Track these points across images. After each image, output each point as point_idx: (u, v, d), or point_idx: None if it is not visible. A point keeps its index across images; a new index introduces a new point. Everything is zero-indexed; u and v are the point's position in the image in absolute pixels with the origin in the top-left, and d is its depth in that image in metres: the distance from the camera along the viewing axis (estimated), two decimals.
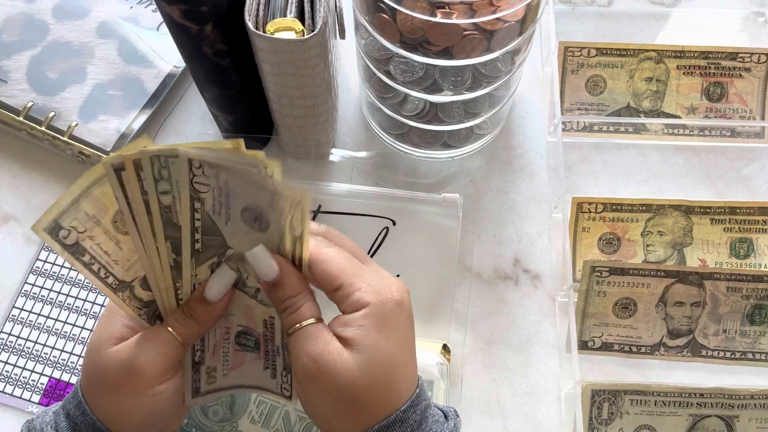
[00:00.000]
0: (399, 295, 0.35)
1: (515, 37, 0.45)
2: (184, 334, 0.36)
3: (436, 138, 0.57)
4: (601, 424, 0.50)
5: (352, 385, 0.33)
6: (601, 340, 0.52)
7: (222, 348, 0.40)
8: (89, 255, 0.34)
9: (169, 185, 0.32)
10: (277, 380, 0.40)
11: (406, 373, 0.35)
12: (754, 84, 0.60)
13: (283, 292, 0.35)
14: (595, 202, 0.55)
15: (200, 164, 0.31)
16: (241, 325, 0.39)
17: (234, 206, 0.33)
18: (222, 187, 0.32)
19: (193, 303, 0.37)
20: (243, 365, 0.40)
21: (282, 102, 0.50)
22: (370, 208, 0.54)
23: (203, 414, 0.47)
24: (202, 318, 0.37)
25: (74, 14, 0.62)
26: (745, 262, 0.55)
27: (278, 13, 0.45)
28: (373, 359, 0.33)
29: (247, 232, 0.34)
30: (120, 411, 0.35)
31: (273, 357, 0.40)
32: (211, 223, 0.34)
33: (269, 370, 0.40)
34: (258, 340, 0.39)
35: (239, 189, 0.32)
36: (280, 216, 0.33)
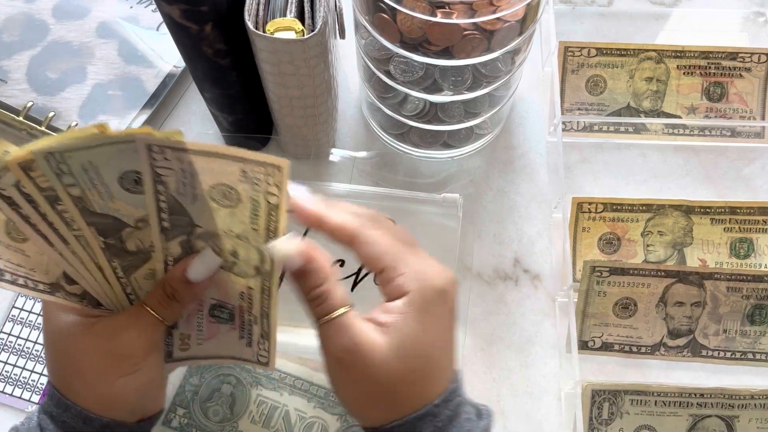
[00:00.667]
0: (442, 284, 0.34)
1: (515, 37, 0.45)
2: (164, 313, 0.36)
3: (436, 138, 0.57)
4: (602, 424, 0.50)
5: (386, 376, 0.33)
6: (601, 340, 0.52)
7: (196, 318, 0.39)
8: (9, 273, 0.34)
9: (72, 178, 0.31)
10: (253, 349, 0.40)
11: (443, 365, 0.35)
12: (755, 84, 0.60)
13: (309, 281, 0.34)
14: (595, 202, 0.55)
15: (160, 148, 0.30)
16: (215, 299, 0.39)
17: (199, 185, 0.32)
18: (186, 168, 0.31)
19: (175, 283, 0.36)
20: (218, 335, 0.40)
21: (282, 102, 0.50)
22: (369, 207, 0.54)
23: (204, 414, 0.47)
24: (183, 297, 0.36)
25: (74, 14, 0.62)
26: (745, 262, 0.55)
27: (278, 13, 0.45)
28: (410, 349, 0.33)
29: (216, 209, 0.33)
30: (111, 396, 0.35)
31: (249, 326, 0.39)
32: (176, 204, 0.33)
33: (244, 339, 0.40)
34: (232, 312, 0.39)
35: (205, 167, 0.31)
36: (254, 187, 0.32)
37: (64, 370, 0.36)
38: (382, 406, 0.34)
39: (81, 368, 0.35)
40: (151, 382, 0.37)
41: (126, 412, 0.36)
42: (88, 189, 0.32)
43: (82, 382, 0.35)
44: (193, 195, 0.33)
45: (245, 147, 0.54)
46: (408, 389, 0.33)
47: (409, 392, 0.33)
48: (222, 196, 0.33)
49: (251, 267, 0.36)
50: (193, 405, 0.48)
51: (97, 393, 0.35)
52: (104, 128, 0.29)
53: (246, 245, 0.35)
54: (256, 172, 0.31)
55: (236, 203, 0.33)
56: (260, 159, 0.31)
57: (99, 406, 0.35)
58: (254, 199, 0.33)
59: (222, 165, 0.31)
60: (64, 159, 0.30)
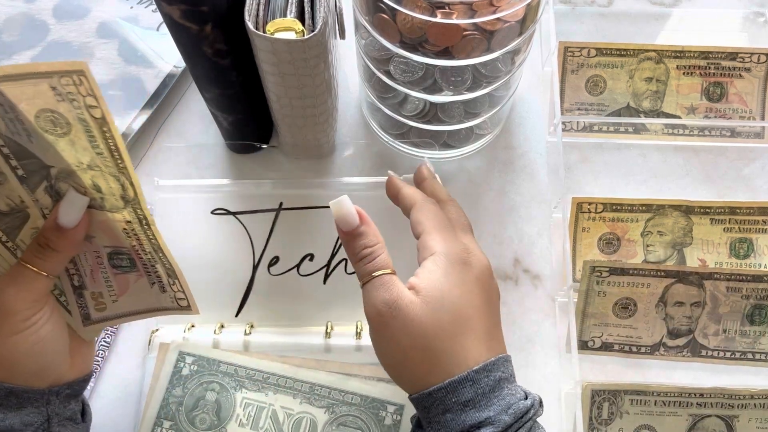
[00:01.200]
0: (469, 258, 0.38)
1: (515, 37, 0.45)
2: (44, 266, 0.35)
3: (436, 138, 0.57)
4: (601, 424, 0.50)
5: (423, 332, 0.35)
6: (601, 340, 0.52)
7: (100, 273, 0.38)
8: None
9: None
10: (168, 294, 0.39)
11: (476, 327, 0.37)
12: (754, 84, 0.60)
13: (362, 240, 0.38)
14: (595, 202, 0.55)
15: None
16: (108, 246, 0.38)
17: (25, 119, 0.31)
18: (3, 103, 0.30)
19: (48, 233, 0.35)
20: (129, 289, 0.39)
21: (282, 102, 0.50)
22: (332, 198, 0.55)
23: (191, 424, 0.47)
24: (60, 246, 0.35)
25: (74, 14, 0.62)
26: (745, 262, 0.55)
27: (278, 13, 0.45)
28: (438, 301, 0.36)
29: (54, 141, 0.32)
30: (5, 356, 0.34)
31: (153, 267, 0.38)
32: (16, 146, 0.32)
33: (156, 285, 0.39)
34: (131, 256, 0.38)
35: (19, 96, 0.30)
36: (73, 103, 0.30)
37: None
38: (423, 367, 0.35)
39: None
40: (46, 340, 0.35)
41: (28, 375, 0.35)
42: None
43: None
44: (26, 131, 0.31)
45: (244, 149, 0.54)
46: (445, 346, 0.35)
47: (446, 350, 0.35)
48: (52, 124, 0.31)
49: (118, 198, 0.35)
50: (179, 416, 0.48)
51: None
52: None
53: (101, 174, 0.34)
54: (66, 85, 0.30)
55: (68, 128, 0.31)
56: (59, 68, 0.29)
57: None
58: (81, 118, 0.31)
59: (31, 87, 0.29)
60: None
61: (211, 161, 0.59)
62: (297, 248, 0.53)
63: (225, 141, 0.59)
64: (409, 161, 0.59)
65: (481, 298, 0.38)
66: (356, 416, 0.48)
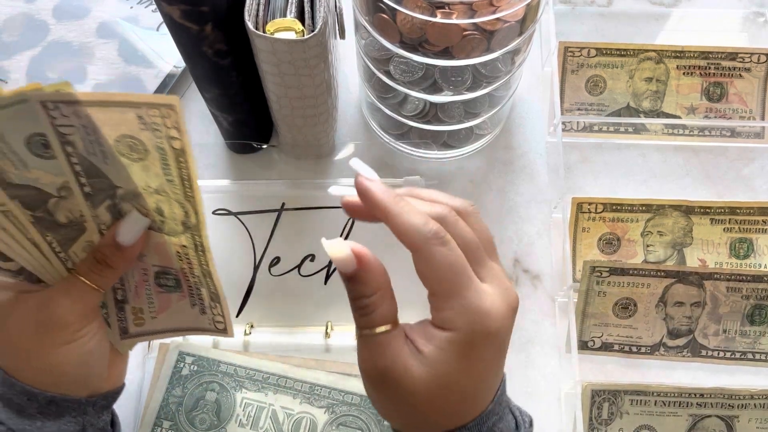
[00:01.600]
0: (496, 326, 0.31)
1: (515, 37, 0.45)
2: (98, 281, 0.35)
3: (436, 138, 0.57)
4: (601, 424, 0.50)
5: (416, 404, 0.31)
6: (601, 340, 0.52)
7: (144, 290, 0.39)
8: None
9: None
10: (208, 315, 0.39)
11: (481, 396, 0.33)
12: (754, 84, 0.60)
13: (358, 288, 0.32)
14: (595, 202, 0.55)
15: (55, 105, 0.29)
16: (157, 265, 0.38)
17: (105, 141, 0.31)
18: (86, 124, 0.30)
19: (105, 249, 0.35)
20: (170, 307, 0.39)
21: (282, 102, 0.50)
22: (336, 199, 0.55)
23: (190, 424, 0.47)
24: (115, 263, 0.36)
25: (74, 14, 0.62)
26: (745, 262, 0.55)
27: (278, 13, 0.45)
28: (444, 387, 0.31)
29: (128, 164, 0.32)
30: (54, 366, 0.35)
31: (197, 290, 0.38)
32: (89, 165, 0.32)
33: (197, 307, 0.39)
34: (178, 277, 0.38)
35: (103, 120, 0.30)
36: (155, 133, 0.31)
37: (2, 347, 0.35)
38: (412, 426, 0.33)
39: (16, 342, 0.34)
40: (93, 352, 0.36)
41: (70, 384, 0.36)
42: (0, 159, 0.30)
43: (19, 356, 0.35)
44: (102, 153, 0.32)
45: (244, 149, 0.54)
46: (439, 419, 0.32)
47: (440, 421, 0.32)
48: (129, 149, 0.32)
49: (178, 223, 0.35)
50: (179, 416, 0.48)
51: (35, 366, 0.35)
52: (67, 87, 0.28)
53: (167, 200, 0.34)
54: (152, 116, 0.30)
55: (145, 155, 0.32)
56: (151, 100, 0.30)
57: (40, 381, 0.35)
58: (160, 147, 0.31)
59: (118, 114, 0.30)
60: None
61: (211, 161, 0.59)
62: (298, 249, 0.53)
63: (225, 141, 0.59)
64: (409, 161, 0.59)
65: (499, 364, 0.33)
66: (356, 416, 0.48)
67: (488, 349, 0.32)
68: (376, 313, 0.32)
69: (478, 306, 0.31)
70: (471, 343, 0.31)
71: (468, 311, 0.31)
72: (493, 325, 0.31)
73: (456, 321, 0.31)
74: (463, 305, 0.31)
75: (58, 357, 0.35)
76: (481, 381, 0.33)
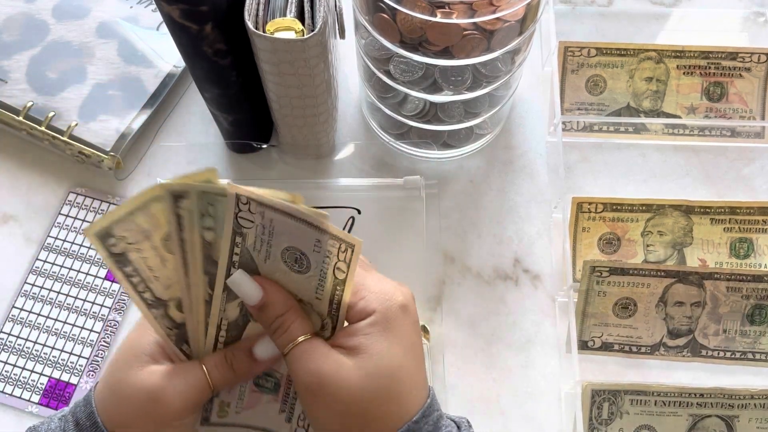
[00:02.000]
0: (404, 299, 0.34)
1: (515, 36, 0.45)
2: (218, 380, 0.36)
3: (436, 138, 0.57)
4: (601, 424, 0.50)
5: (358, 397, 0.32)
6: (601, 340, 0.52)
7: (239, 387, 0.39)
8: (132, 266, 0.33)
9: (213, 221, 0.32)
10: (292, 425, 0.39)
11: (415, 381, 0.34)
12: (754, 84, 0.60)
13: (269, 312, 0.34)
14: (595, 202, 0.55)
15: (248, 200, 0.31)
16: None
17: (276, 245, 0.33)
18: (266, 225, 0.32)
19: (238, 353, 0.36)
20: (258, 406, 0.39)
21: (282, 102, 0.50)
22: (335, 199, 0.55)
23: None
24: (241, 371, 0.36)
25: (74, 14, 0.62)
26: (745, 262, 0.55)
27: (278, 13, 0.45)
28: (379, 368, 0.33)
29: (285, 272, 0.34)
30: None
31: (293, 400, 0.39)
32: (249, 260, 0.33)
33: (285, 414, 0.39)
34: (279, 382, 0.38)
35: (284, 228, 0.32)
36: (324, 259, 0.32)
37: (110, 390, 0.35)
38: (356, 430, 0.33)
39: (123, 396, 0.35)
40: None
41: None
42: (220, 237, 0.32)
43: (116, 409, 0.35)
44: (268, 253, 0.33)
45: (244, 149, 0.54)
46: (383, 409, 0.33)
47: (385, 412, 0.33)
48: (293, 261, 0.33)
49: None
50: None
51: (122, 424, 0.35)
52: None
53: (309, 310, 0.35)
54: (330, 246, 0.32)
55: (305, 270, 0.33)
56: (337, 234, 0.32)
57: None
58: (322, 272, 0.33)
59: (301, 230, 0.32)
60: (214, 201, 0.31)
61: (211, 161, 0.59)
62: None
63: (225, 141, 0.59)
64: (409, 161, 0.59)
65: (419, 341, 0.35)
66: None
67: (405, 322, 0.34)
68: (293, 327, 0.34)
69: (383, 287, 0.34)
70: (389, 319, 0.33)
71: (377, 293, 0.34)
72: (401, 298, 0.34)
73: (370, 305, 0.34)
74: (372, 290, 0.34)
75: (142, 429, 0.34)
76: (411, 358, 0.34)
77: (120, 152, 0.57)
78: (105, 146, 0.57)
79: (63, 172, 0.59)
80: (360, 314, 0.34)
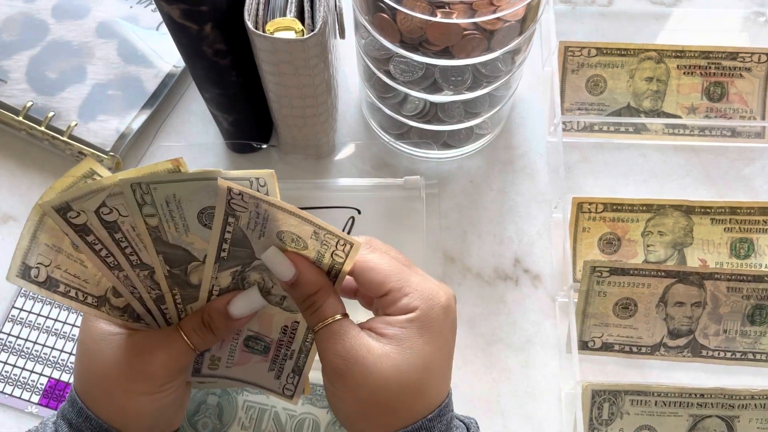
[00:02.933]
0: (446, 301, 0.35)
1: (515, 36, 0.45)
2: (198, 342, 0.36)
3: (436, 138, 0.57)
4: (602, 424, 0.50)
5: (384, 386, 0.32)
6: (602, 341, 0.52)
7: (229, 345, 0.40)
8: (63, 284, 0.34)
9: (153, 209, 0.33)
10: (281, 381, 0.40)
11: (440, 380, 0.35)
12: (755, 84, 0.60)
13: (302, 290, 0.34)
14: (596, 202, 0.55)
15: (240, 193, 0.31)
16: (252, 331, 0.39)
17: (270, 229, 0.33)
18: (261, 212, 0.32)
19: (215, 314, 0.36)
20: (247, 364, 0.40)
21: (282, 102, 0.50)
22: (335, 199, 0.55)
23: (193, 429, 0.47)
24: (219, 330, 0.36)
25: (74, 14, 0.62)
26: (745, 262, 0.55)
27: (278, 13, 0.45)
28: (410, 363, 0.33)
29: (281, 248, 0.34)
30: (130, 411, 0.35)
31: (282, 361, 0.40)
32: (242, 237, 0.34)
33: (273, 372, 0.40)
34: (268, 345, 0.39)
35: (281, 220, 0.32)
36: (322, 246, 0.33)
37: (89, 378, 0.36)
38: (377, 419, 0.33)
39: (105, 381, 0.35)
40: (171, 403, 0.37)
41: (142, 428, 0.36)
42: (165, 221, 0.33)
43: (104, 394, 0.35)
44: (262, 232, 0.33)
45: (244, 149, 0.54)
46: (406, 402, 0.33)
47: (407, 405, 0.33)
48: (290, 240, 0.34)
49: None
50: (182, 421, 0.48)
51: (117, 407, 0.35)
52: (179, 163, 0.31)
53: None
54: (329, 239, 0.33)
55: (303, 249, 0.34)
56: (336, 232, 0.32)
57: (117, 421, 0.35)
58: (320, 252, 0.34)
59: (297, 222, 0.32)
60: (150, 190, 0.32)
61: (211, 161, 0.59)
62: None
63: (225, 141, 0.59)
64: (409, 161, 0.59)
65: (453, 342, 0.36)
66: None
67: (445, 323, 0.34)
68: (325, 306, 0.34)
69: (427, 286, 0.35)
70: (430, 318, 0.34)
71: (421, 292, 0.34)
72: (444, 299, 0.35)
73: (413, 302, 0.34)
74: (416, 289, 0.34)
75: (138, 404, 0.35)
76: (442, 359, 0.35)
77: (120, 152, 0.57)
78: (105, 146, 0.57)
79: (63, 172, 0.58)
80: (402, 310, 0.34)
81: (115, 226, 0.33)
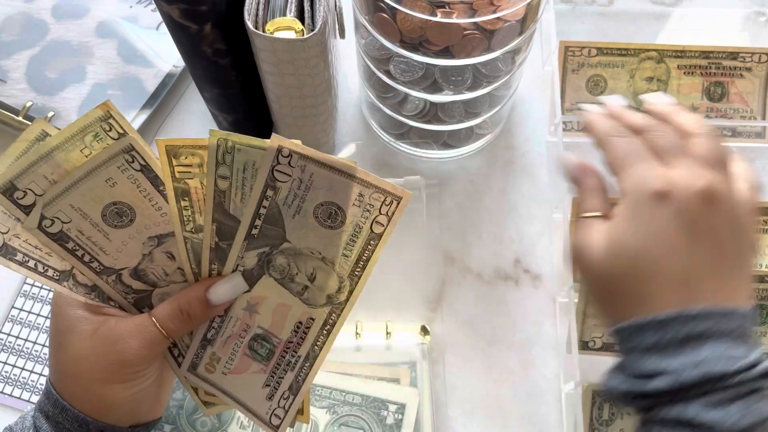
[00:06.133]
0: (661, 186, 0.34)
1: (515, 36, 0.45)
2: (172, 329, 0.36)
3: (436, 138, 0.57)
4: (602, 425, 0.50)
5: (602, 275, 0.36)
6: (602, 341, 0.52)
7: (233, 344, 0.39)
8: (21, 253, 0.34)
9: (228, 171, 0.32)
10: (272, 403, 0.38)
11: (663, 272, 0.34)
12: (755, 84, 0.60)
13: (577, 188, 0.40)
14: None
15: (290, 153, 0.31)
16: (263, 328, 0.38)
17: (310, 199, 0.33)
18: (304, 179, 0.32)
19: (193, 300, 0.36)
20: (244, 374, 0.39)
21: (282, 102, 0.50)
22: None
23: (192, 427, 0.47)
24: (197, 317, 0.36)
25: (73, 14, 0.62)
26: None
27: (278, 13, 0.45)
28: (617, 246, 0.35)
29: (313, 227, 0.33)
30: (107, 400, 0.35)
31: (282, 372, 0.38)
32: (276, 213, 0.33)
33: (269, 388, 0.38)
34: (273, 349, 0.38)
35: (323, 183, 0.32)
36: (363, 213, 0.32)
37: (63, 370, 0.36)
38: (608, 303, 0.36)
39: (79, 371, 0.35)
40: (147, 391, 0.37)
41: (120, 416, 0.36)
42: (235, 187, 0.32)
43: (79, 384, 0.35)
44: (299, 208, 0.33)
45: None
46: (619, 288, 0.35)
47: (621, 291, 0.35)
48: (327, 216, 0.33)
49: (324, 295, 0.35)
50: (180, 419, 0.47)
51: (92, 397, 0.35)
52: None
53: (328, 271, 0.35)
54: (374, 199, 0.32)
55: (338, 226, 0.33)
56: (383, 186, 0.32)
57: (94, 410, 0.35)
58: (358, 225, 0.33)
59: (343, 184, 0.32)
60: (233, 150, 0.31)
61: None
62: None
63: None
64: (410, 161, 0.59)
65: (681, 237, 0.33)
66: (358, 416, 0.48)
67: (657, 211, 0.34)
68: (585, 203, 0.39)
69: (642, 172, 0.35)
70: (636, 205, 0.35)
71: (636, 176, 0.35)
72: (659, 185, 0.34)
73: (625, 188, 0.36)
74: (630, 174, 0.36)
75: (114, 392, 0.35)
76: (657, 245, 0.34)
77: None
78: None
79: None
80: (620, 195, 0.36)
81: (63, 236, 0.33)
